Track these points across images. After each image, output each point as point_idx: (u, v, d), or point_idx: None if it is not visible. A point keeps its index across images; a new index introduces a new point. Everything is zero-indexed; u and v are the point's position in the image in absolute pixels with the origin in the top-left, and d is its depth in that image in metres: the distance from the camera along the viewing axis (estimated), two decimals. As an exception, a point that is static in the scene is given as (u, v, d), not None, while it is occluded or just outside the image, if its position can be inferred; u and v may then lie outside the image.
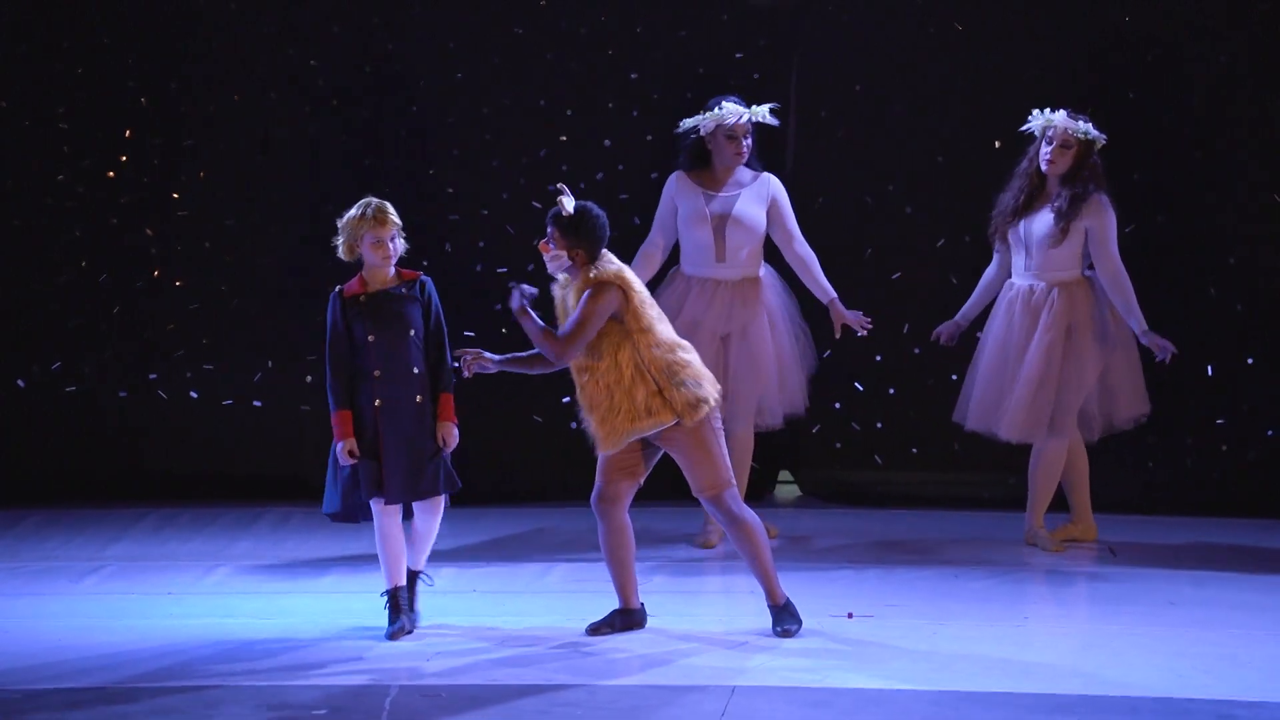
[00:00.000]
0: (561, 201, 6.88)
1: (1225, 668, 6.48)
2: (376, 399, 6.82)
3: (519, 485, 9.70)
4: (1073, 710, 6.00)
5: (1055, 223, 8.29)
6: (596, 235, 6.85)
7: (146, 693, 6.21)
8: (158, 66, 9.58)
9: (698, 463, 6.85)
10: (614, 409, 6.79)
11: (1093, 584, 7.97)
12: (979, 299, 8.61)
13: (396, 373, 6.84)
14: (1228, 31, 9.29)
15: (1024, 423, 8.34)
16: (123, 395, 9.59)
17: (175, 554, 8.46)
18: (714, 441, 6.85)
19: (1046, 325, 8.33)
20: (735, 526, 6.90)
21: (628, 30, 9.60)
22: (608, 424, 6.81)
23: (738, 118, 8.37)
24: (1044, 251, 8.34)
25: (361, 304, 6.82)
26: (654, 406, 6.78)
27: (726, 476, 6.87)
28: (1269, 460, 9.32)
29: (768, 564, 6.93)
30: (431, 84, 9.64)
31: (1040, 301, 8.38)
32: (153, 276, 9.59)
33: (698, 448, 6.83)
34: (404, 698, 6.17)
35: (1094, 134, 8.29)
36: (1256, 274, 9.31)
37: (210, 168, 9.63)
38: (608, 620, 6.97)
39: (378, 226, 6.83)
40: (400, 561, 6.95)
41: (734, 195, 8.45)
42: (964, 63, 9.47)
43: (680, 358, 6.85)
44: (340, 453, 6.81)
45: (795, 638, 6.85)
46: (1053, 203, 8.34)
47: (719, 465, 6.85)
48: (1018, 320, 8.42)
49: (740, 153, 8.40)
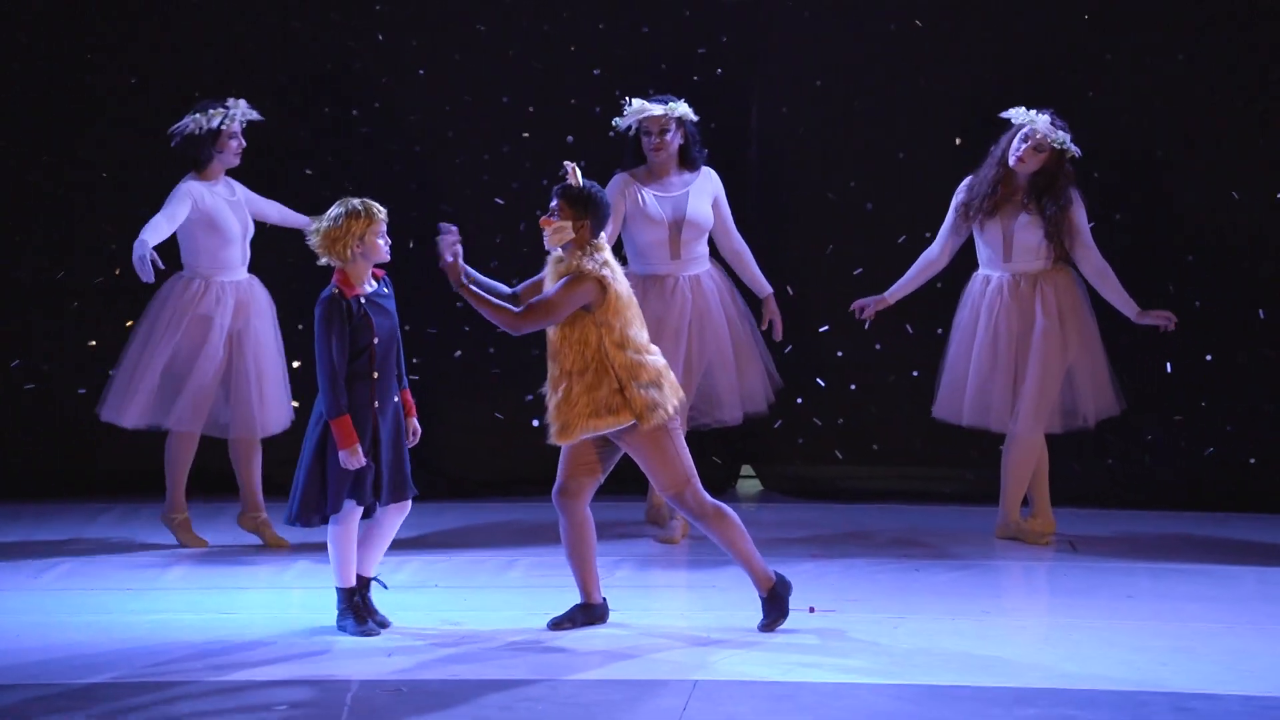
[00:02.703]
0: (571, 173, 6.86)
1: (1183, 660, 6.51)
2: (375, 401, 6.81)
3: (481, 479, 9.69)
4: (1032, 702, 6.01)
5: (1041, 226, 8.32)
6: (602, 211, 6.84)
7: (105, 688, 6.17)
8: (116, 63, 9.54)
9: (656, 464, 6.86)
10: (570, 401, 6.79)
11: (1052, 577, 8.00)
12: (913, 280, 8.59)
13: (389, 374, 6.84)
14: (1186, 31, 9.34)
15: (1037, 413, 8.35)
16: (82, 392, 9.55)
17: (135, 549, 8.43)
18: (670, 443, 6.85)
19: (1044, 315, 8.37)
20: (704, 520, 6.91)
21: (590, 26, 9.60)
22: (563, 414, 6.81)
23: (643, 113, 8.39)
24: (1020, 243, 8.38)
25: (363, 305, 6.80)
26: (614, 405, 6.78)
27: (686, 475, 6.87)
28: (1227, 456, 9.37)
29: (747, 550, 6.91)
30: (393, 81, 9.62)
31: (1029, 292, 8.42)
32: (114, 274, 9.55)
33: (655, 449, 6.84)
34: (365, 693, 6.14)
35: (1070, 147, 8.33)
36: (1215, 271, 9.36)
37: (171, 164, 9.58)
38: (569, 615, 6.97)
39: (379, 223, 6.82)
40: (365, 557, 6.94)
41: (683, 195, 8.47)
42: (925, 60, 9.50)
43: (647, 360, 6.85)
44: (348, 459, 6.76)
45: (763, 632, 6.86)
46: (1024, 203, 8.37)
47: (677, 465, 6.86)
48: (1004, 314, 8.43)
49: (657, 148, 8.41)
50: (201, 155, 8.33)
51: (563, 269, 6.83)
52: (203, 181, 8.36)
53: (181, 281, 8.42)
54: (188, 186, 8.32)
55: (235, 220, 8.39)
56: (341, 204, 6.85)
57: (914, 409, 9.08)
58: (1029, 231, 8.39)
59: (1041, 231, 8.36)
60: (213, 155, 8.35)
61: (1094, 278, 8.40)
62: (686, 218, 8.45)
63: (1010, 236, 8.40)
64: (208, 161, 8.35)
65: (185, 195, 8.30)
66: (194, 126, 8.31)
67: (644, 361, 6.83)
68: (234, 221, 8.38)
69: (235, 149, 8.39)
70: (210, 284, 8.37)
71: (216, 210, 8.34)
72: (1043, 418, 8.42)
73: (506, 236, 9.59)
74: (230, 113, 8.33)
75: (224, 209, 8.34)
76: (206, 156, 8.34)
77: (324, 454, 6.78)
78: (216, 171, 8.40)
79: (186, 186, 8.32)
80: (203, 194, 8.32)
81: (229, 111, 8.33)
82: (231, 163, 8.41)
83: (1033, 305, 8.40)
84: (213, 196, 8.35)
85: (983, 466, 9.24)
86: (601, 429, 6.80)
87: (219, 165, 8.39)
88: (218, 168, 8.39)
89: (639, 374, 6.79)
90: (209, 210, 8.33)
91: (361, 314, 6.78)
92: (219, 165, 8.39)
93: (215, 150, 8.34)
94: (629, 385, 6.77)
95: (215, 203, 8.35)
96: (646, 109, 8.43)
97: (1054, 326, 8.38)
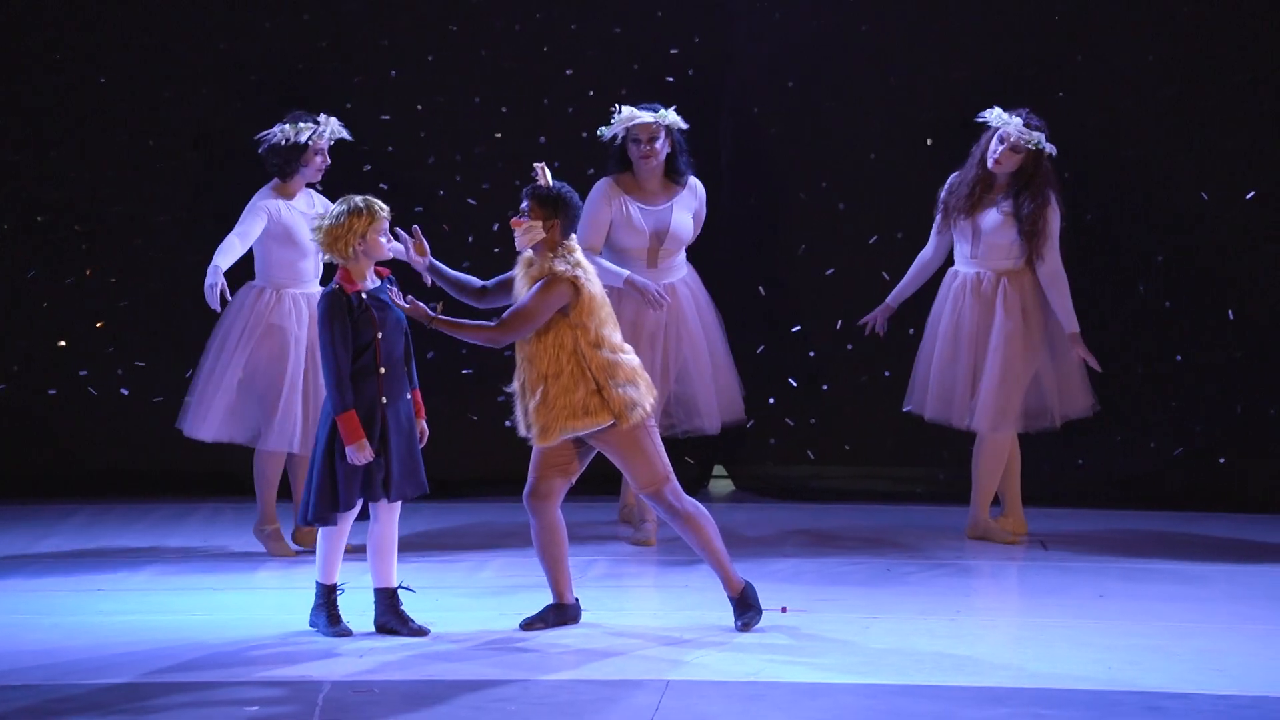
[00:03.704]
0: (542, 173, 6.85)
1: (1155, 660, 6.52)
2: (383, 396, 6.79)
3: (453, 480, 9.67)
4: (1004, 702, 6.01)
5: (1014, 225, 8.34)
6: (572, 212, 6.83)
7: (76, 690, 6.14)
8: (87, 60, 9.50)
9: (634, 463, 6.85)
10: (548, 403, 6.78)
11: (1024, 577, 8.02)
12: (911, 282, 8.65)
13: (397, 369, 6.83)
14: (1155, 32, 9.36)
15: (995, 411, 8.38)
16: (52, 393, 9.52)
17: (105, 550, 8.39)
18: (649, 441, 6.86)
19: (1005, 313, 8.39)
20: (679, 520, 6.90)
21: (563, 27, 9.59)
22: (541, 417, 6.81)
23: (633, 120, 8.33)
24: (989, 242, 8.40)
25: (366, 301, 6.79)
26: (592, 406, 6.78)
27: (664, 473, 6.87)
28: (1196, 455, 9.41)
29: (718, 552, 6.92)
30: (366, 81, 9.60)
31: (991, 290, 8.45)
32: (84, 274, 9.52)
33: (632, 448, 6.83)
34: (336, 694, 6.12)
35: (1045, 145, 8.36)
36: (1184, 271, 9.39)
37: (142, 163, 9.57)
38: (541, 615, 6.97)
39: (380, 221, 6.81)
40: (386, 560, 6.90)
41: (667, 208, 8.43)
42: (896, 60, 9.51)
43: (622, 360, 6.85)
44: (355, 454, 6.74)
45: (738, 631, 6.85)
46: (1001, 203, 8.40)
47: (655, 463, 6.86)
48: (968, 309, 8.47)
49: (646, 156, 8.36)
50: (285, 167, 8.27)
51: (535, 272, 6.82)
52: (281, 193, 8.28)
53: (254, 291, 8.32)
54: (264, 202, 8.24)
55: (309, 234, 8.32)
56: (344, 201, 6.84)
57: (886, 409, 9.09)
58: (1000, 231, 8.41)
59: (1014, 230, 8.38)
60: (297, 169, 8.27)
61: (1046, 282, 8.40)
62: (670, 231, 8.41)
63: (979, 234, 8.43)
64: (290, 175, 8.28)
65: (261, 211, 8.21)
66: (280, 138, 8.24)
67: (620, 360, 6.83)
68: (306, 235, 8.31)
69: (319, 165, 8.29)
70: (282, 295, 8.30)
71: (293, 224, 8.25)
72: (1007, 417, 8.43)
73: (479, 237, 9.58)
74: (319, 129, 8.25)
75: (300, 222, 8.27)
76: (290, 170, 8.27)
77: (333, 451, 6.77)
78: (298, 185, 8.31)
79: (263, 202, 8.24)
80: (279, 208, 8.24)
81: (318, 128, 8.25)
82: (313, 178, 8.33)
83: (994, 303, 8.43)
84: (289, 210, 8.27)
85: (954, 466, 9.25)
86: (581, 430, 6.80)
87: (300, 180, 8.30)
88: (299, 182, 8.31)
89: (615, 373, 6.79)
90: (286, 223, 8.25)
91: (363, 310, 6.77)
92: (300, 180, 8.30)
93: (300, 164, 8.26)
94: (606, 385, 6.77)
95: (292, 216, 8.26)
96: (637, 116, 8.34)
97: (1016, 326, 8.40)
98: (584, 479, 7.05)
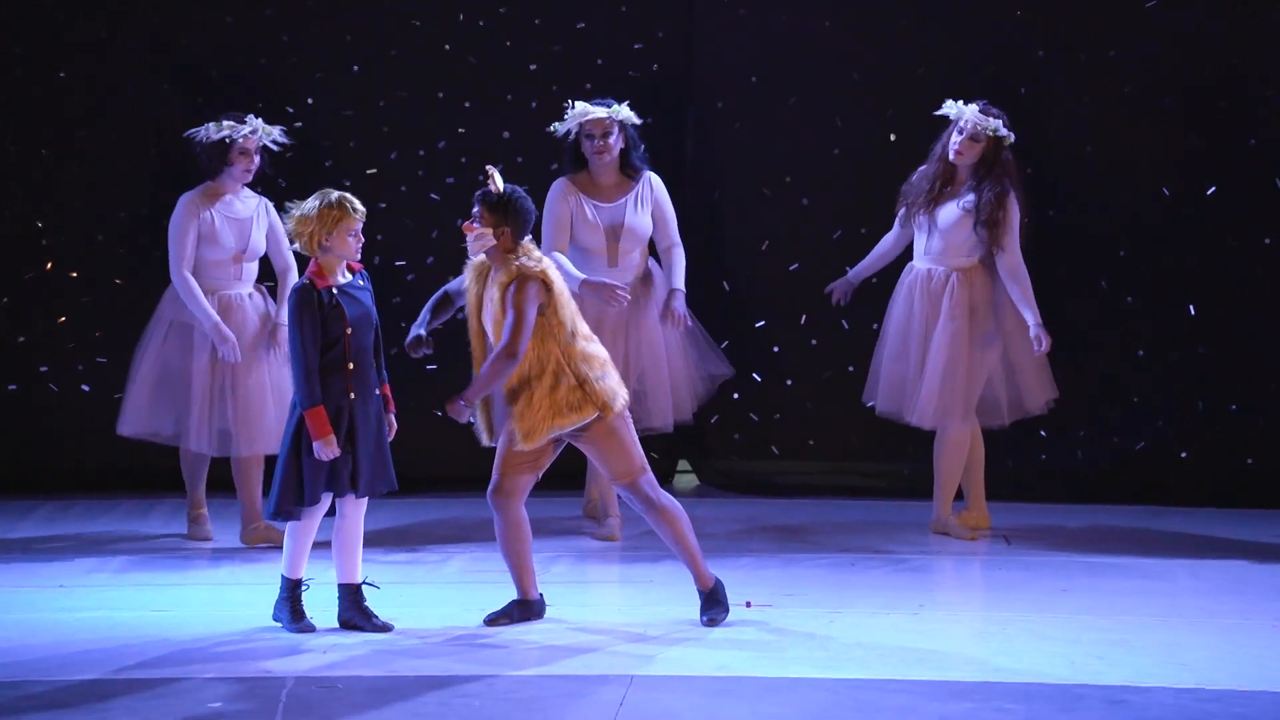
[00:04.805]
0: (491, 179, 6.83)
1: (1118, 654, 6.54)
2: (351, 392, 6.76)
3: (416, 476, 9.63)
4: (968, 697, 6.02)
5: (971, 221, 8.35)
6: (524, 217, 6.81)
7: (36, 687, 6.11)
8: (46, 56, 9.45)
9: (612, 453, 6.84)
10: (532, 405, 6.77)
11: (987, 571, 8.04)
12: (872, 262, 8.66)
13: (366, 365, 6.80)
14: (1117, 27, 9.39)
15: (936, 409, 8.41)
16: (12, 388, 9.47)
17: (67, 546, 8.36)
18: (627, 431, 6.86)
19: (950, 312, 8.41)
20: (653, 512, 6.89)
21: (526, 22, 9.57)
22: (526, 420, 6.79)
23: (585, 116, 8.31)
24: (945, 238, 8.42)
25: (336, 295, 6.75)
26: (575, 401, 6.76)
27: (641, 464, 6.87)
28: (1158, 449, 9.44)
29: (692, 547, 6.91)
30: (327, 76, 9.57)
31: (939, 287, 8.46)
32: (44, 269, 9.46)
33: (612, 439, 6.83)
34: (300, 690, 6.10)
35: (1003, 132, 8.37)
36: (1146, 267, 9.42)
37: (102, 159, 9.51)
38: (505, 611, 6.96)
39: (351, 220, 6.77)
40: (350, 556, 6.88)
41: (621, 205, 8.41)
42: (859, 56, 9.52)
43: (595, 351, 6.85)
44: (322, 450, 6.70)
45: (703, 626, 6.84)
46: (962, 196, 8.41)
47: (632, 453, 6.85)
48: (918, 305, 8.49)
49: (599, 151, 8.34)
50: (209, 166, 8.24)
51: (502, 278, 6.79)
52: (209, 195, 8.24)
53: (172, 290, 8.34)
54: (184, 219, 8.22)
55: (231, 237, 8.28)
56: (320, 195, 6.82)
57: (850, 404, 9.08)
58: (957, 227, 8.42)
59: (970, 226, 8.39)
60: (221, 169, 8.23)
61: (1007, 275, 8.39)
62: (625, 227, 8.40)
63: (935, 228, 8.45)
64: (215, 174, 8.25)
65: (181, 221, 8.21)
66: (202, 135, 8.22)
67: (592, 351, 6.83)
68: (229, 238, 8.27)
69: (245, 166, 8.24)
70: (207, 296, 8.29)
71: (218, 227, 8.23)
72: (951, 414, 8.42)
73: (442, 232, 9.55)
74: (241, 129, 8.21)
75: (225, 226, 8.24)
76: (214, 169, 8.24)
77: (299, 446, 6.74)
78: (226, 186, 8.26)
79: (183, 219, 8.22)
80: (200, 214, 8.20)
81: (240, 128, 8.21)
82: (242, 179, 8.27)
83: (941, 300, 8.44)
84: (213, 213, 8.25)
85: (918, 461, 9.25)
86: (568, 426, 6.78)
87: (227, 180, 8.26)
88: (227, 182, 8.26)
89: (593, 365, 6.79)
90: (208, 227, 8.23)
91: (333, 304, 6.74)
92: (227, 180, 8.26)
93: (224, 164, 8.22)
94: (587, 379, 6.77)
95: (216, 219, 8.24)
96: (589, 111, 8.34)
97: (962, 324, 8.40)
98: (548, 474, 7.04)
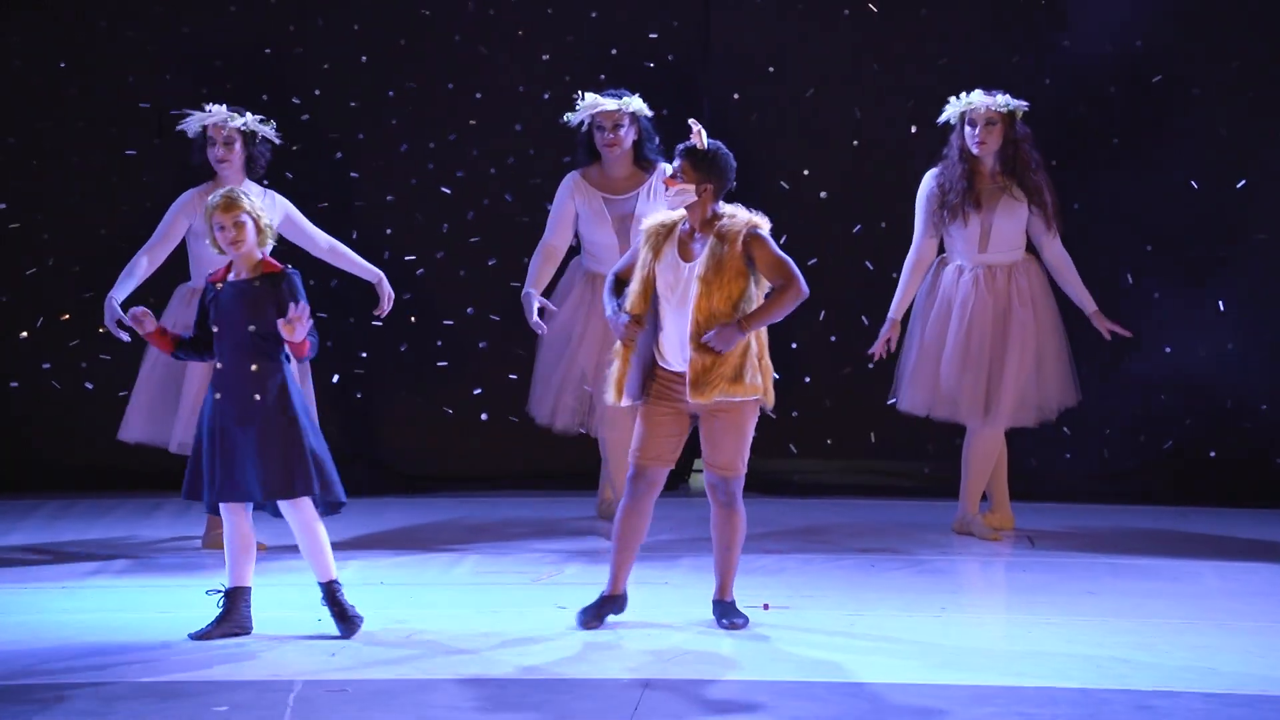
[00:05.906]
0: (698, 134, 6.65)
1: (1144, 658, 6.46)
2: (216, 391, 6.67)
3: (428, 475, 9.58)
4: (991, 701, 5.94)
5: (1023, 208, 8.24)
6: (727, 174, 6.65)
7: (40, 689, 6.04)
8: (46, 45, 9.38)
9: (732, 441, 6.67)
10: (723, 357, 6.53)
11: (1011, 573, 7.97)
12: (907, 289, 8.46)
13: (237, 367, 6.65)
14: (1144, 16, 9.30)
15: (1018, 407, 8.31)
16: (14, 385, 9.41)
17: (70, 546, 8.31)
18: (754, 424, 6.70)
19: (1021, 306, 8.31)
20: (731, 512, 6.76)
21: (538, 11, 9.51)
22: (709, 374, 6.53)
23: (596, 107, 8.26)
24: (997, 232, 8.29)
25: (216, 292, 6.67)
26: (750, 373, 6.55)
27: (744, 465, 6.73)
28: (1185, 449, 9.36)
29: (734, 561, 6.81)
30: (335, 66, 9.49)
31: (1004, 284, 8.35)
32: (47, 265, 9.41)
33: (744, 428, 6.67)
34: (308, 693, 6.03)
35: (1014, 104, 8.27)
36: (1174, 263, 9.34)
37: (104, 151, 9.45)
38: (596, 609, 6.78)
39: (216, 213, 6.65)
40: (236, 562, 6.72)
41: (632, 197, 8.35)
42: (879, 46, 9.44)
43: None
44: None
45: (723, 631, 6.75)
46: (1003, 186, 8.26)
47: (744, 451, 6.71)
48: (979, 305, 8.31)
49: (611, 144, 8.28)
50: (200, 161, 8.18)
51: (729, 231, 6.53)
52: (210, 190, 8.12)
53: (188, 292, 8.25)
54: (181, 200, 8.14)
55: None
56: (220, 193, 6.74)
57: (869, 402, 9.02)
58: (1010, 219, 8.29)
59: (1024, 210, 8.27)
60: (203, 159, 8.17)
61: (1057, 264, 8.37)
62: (635, 219, 8.33)
63: (989, 227, 8.32)
64: (209, 169, 8.17)
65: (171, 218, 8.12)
66: (187, 130, 8.19)
67: None
68: None
69: (219, 155, 8.12)
70: None
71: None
72: (1021, 411, 8.35)
73: (453, 225, 9.48)
74: (204, 118, 8.12)
75: None
76: (200, 159, 8.17)
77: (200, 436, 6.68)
78: (226, 180, 8.13)
79: (178, 210, 8.13)
80: (194, 205, 8.07)
81: (201, 116, 8.13)
82: (222, 169, 8.15)
83: (1008, 297, 8.33)
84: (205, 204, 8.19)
85: (938, 460, 9.19)
86: (737, 396, 6.57)
87: (227, 173, 8.16)
88: (228, 176, 8.16)
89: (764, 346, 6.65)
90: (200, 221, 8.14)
91: (211, 300, 6.67)
92: (227, 173, 8.16)
93: (205, 155, 8.15)
94: (763, 355, 6.63)
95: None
96: (600, 103, 8.30)
97: (1030, 318, 8.33)
98: (560, 474, 6.95)
